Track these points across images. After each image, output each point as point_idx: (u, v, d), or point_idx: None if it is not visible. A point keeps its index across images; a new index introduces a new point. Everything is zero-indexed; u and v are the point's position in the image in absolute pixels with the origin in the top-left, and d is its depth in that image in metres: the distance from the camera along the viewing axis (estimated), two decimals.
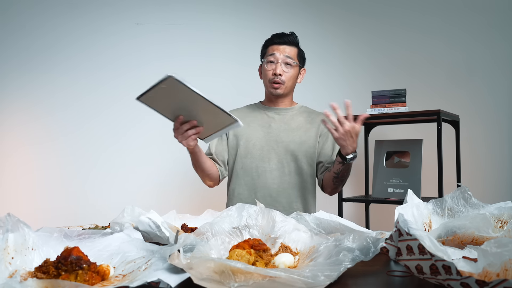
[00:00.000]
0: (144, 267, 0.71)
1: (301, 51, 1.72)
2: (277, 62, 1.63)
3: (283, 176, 1.65)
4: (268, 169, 1.66)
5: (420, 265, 0.62)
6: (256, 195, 1.65)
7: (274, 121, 1.71)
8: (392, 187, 2.10)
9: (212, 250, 0.80)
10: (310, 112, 1.77)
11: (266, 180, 1.65)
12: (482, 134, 2.41)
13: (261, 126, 1.71)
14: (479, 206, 0.98)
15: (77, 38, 2.61)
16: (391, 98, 2.11)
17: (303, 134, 1.69)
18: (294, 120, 1.72)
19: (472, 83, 2.44)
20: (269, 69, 1.66)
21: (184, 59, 2.64)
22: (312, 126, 1.71)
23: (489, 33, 2.42)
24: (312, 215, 1.02)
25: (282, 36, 1.67)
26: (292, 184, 1.66)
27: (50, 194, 2.53)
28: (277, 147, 1.67)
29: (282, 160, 1.66)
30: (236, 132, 1.71)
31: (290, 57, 1.64)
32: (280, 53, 1.64)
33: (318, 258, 0.77)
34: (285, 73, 1.65)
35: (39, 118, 2.58)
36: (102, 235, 0.85)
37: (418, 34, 2.55)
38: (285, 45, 1.66)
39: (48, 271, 0.68)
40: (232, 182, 1.72)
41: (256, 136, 1.69)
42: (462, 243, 0.87)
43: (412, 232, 0.63)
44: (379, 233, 0.91)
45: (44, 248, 0.77)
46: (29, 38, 2.59)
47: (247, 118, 1.73)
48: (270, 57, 1.65)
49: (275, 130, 1.69)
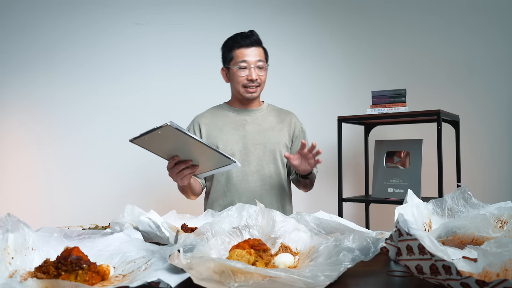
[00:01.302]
0: (144, 267, 0.71)
1: (265, 49, 1.70)
2: (250, 67, 1.61)
3: (263, 178, 1.65)
4: (249, 173, 1.64)
5: (420, 265, 0.62)
6: (240, 200, 1.62)
7: (247, 123, 1.70)
8: (392, 187, 2.10)
9: (212, 250, 0.80)
10: (278, 111, 1.77)
11: (248, 184, 1.64)
12: (482, 134, 2.41)
13: (235, 130, 1.68)
14: (479, 206, 0.98)
15: (77, 38, 2.61)
16: (391, 98, 2.10)
17: (277, 134, 1.69)
18: (266, 120, 1.71)
19: (472, 83, 2.44)
20: (242, 75, 1.63)
21: (184, 60, 2.65)
22: (283, 125, 1.72)
23: (489, 32, 2.42)
24: (312, 215, 1.02)
25: (247, 37, 1.63)
26: (272, 185, 1.66)
27: (50, 194, 2.53)
28: (254, 150, 1.65)
29: (262, 162, 1.65)
30: (211, 140, 1.68)
31: (262, 60, 1.63)
32: (252, 58, 1.61)
33: (318, 258, 0.77)
34: (260, 76, 1.64)
35: (40, 119, 2.58)
36: (102, 235, 0.85)
37: (418, 34, 2.55)
38: (253, 47, 1.62)
39: (48, 271, 0.68)
40: (214, 190, 1.69)
41: (232, 140, 1.66)
42: (462, 243, 0.87)
43: (412, 232, 0.63)
44: (379, 233, 0.91)
45: (44, 248, 0.77)
46: (29, 38, 2.60)
47: (217, 122, 1.71)
48: (242, 63, 1.61)
49: (250, 132, 1.67)
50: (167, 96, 2.62)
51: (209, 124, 1.72)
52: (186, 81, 2.63)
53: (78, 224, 1.41)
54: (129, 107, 2.59)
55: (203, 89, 2.62)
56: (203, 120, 1.74)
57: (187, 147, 1.17)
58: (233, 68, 1.64)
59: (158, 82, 2.63)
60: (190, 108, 2.61)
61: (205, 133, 1.71)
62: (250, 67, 1.61)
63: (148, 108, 2.60)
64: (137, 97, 2.61)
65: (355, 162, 2.57)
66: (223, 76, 1.73)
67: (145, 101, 2.61)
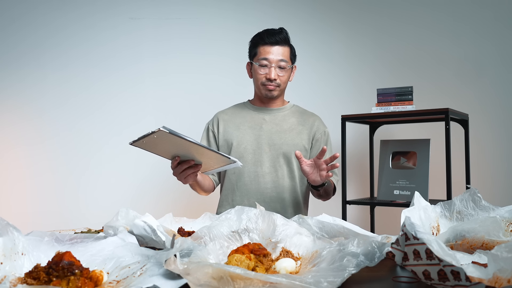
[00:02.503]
0: (139, 272, 0.71)
1: (293, 48, 1.70)
2: (271, 66, 1.62)
3: (276, 180, 1.65)
4: (261, 174, 1.65)
5: (428, 270, 0.62)
6: (249, 201, 1.64)
7: (265, 122, 1.70)
8: (398, 189, 2.10)
9: (210, 255, 0.80)
10: (302, 113, 1.76)
11: (259, 185, 1.65)
12: (492, 133, 2.41)
13: (251, 128, 1.70)
14: (489, 208, 0.98)
15: (69, 34, 2.61)
16: (397, 96, 2.10)
17: (295, 136, 1.69)
18: (286, 121, 1.71)
19: (482, 81, 2.44)
20: (262, 73, 1.64)
21: (181, 55, 2.65)
22: (304, 127, 1.71)
23: (499, 28, 2.42)
24: (314, 218, 1.03)
25: (273, 35, 1.63)
26: (285, 188, 1.66)
27: (41, 197, 2.53)
28: (269, 150, 1.66)
29: (275, 164, 1.66)
30: (227, 137, 1.71)
31: (284, 60, 1.63)
32: (274, 56, 1.61)
33: (321, 263, 0.77)
34: (280, 77, 1.64)
35: (30, 118, 2.58)
36: (95, 239, 0.85)
37: (426, 29, 2.55)
38: (277, 46, 1.62)
39: (38, 277, 0.68)
40: (225, 188, 1.72)
41: (247, 140, 1.68)
42: (471, 247, 0.87)
43: (420, 236, 0.63)
44: (385, 237, 0.91)
45: (35, 253, 0.77)
46: (18, 34, 2.59)
47: (236, 119, 1.73)
48: (263, 61, 1.62)
49: (266, 132, 1.68)
50: (163, 93, 2.62)
51: (227, 120, 1.74)
52: (182, 78, 2.63)
53: (70, 227, 1.41)
54: (124, 105, 2.59)
55: (200, 86, 2.62)
56: (223, 116, 1.77)
57: (185, 148, 1.21)
58: (255, 65, 1.66)
59: (154, 79, 2.63)
60: (187, 106, 2.63)
61: (222, 129, 1.74)
62: (270, 66, 1.62)
63: (143, 106, 2.60)
64: (131, 94, 2.61)
65: (360, 163, 2.57)
66: (247, 71, 1.75)
67: (140, 99, 2.61)
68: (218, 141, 1.73)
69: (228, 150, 1.70)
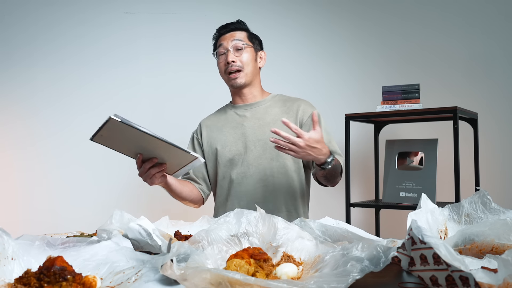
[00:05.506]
0: (134, 278, 0.71)
1: (253, 34, 1.70)
2: (228, 50, 1.62)
3: (265, 179, 1.61)
4: (248, 174, 1.62)
5: (435, 276, 0.62)
6: (241, 204, 1.61)
7: (246, 119, 1.67)
8: (405, 191, 2.10)
9: (208, 260, 0.80)
10: (285, 100, 1.71)
11: (247, 187, 1.62)
12: (502, 133, 2.40)
13: (233, 129, 1.68)
14: (499, 211, 0.98)
15: (61, 30, 2.61)
16: (403, 94, 2.10)
17: (280, 127, 1.63)
18: (268, 113, 1.67)
19: (491, 78, 2.44)
20: (221, 61, 1.65)
21: (178, 52, 2.65)
22: (289, 115, 1.65)
23: (508, 26, 2.42)
24: (317, 221, 1.02)
25: (228, 25, 1.67)
26: (277, 186, 1.61)
27: (32, 199, 2.53)
28: (254, 148, 1.63)
29: (261, 161, 1.62)
30: (211, 142, 1.70)
31: (239, 39, 1.62)
32: (228, 40, 1.63)
33: (324, 268, 0.77)
34: (238, 57, 1.62)
35: (21, 117, 2.58)
36: (88, 243, 0.85)
37: (433, 26, 2.55)
38: (231, 32, 1.65)
39: (29, 283, 0.68)
40: (218, 195, 1.71)
41: (230, 141, 1.66)
42: (481, 252, 0.87)
43: (427, 240, 0.63)
44: (390, 241, 0.91)
45: (25, 257, 0.77)
46: (8, 32, 2.59)
47: (219, 123, 1.72)
48: (219, 49, 1.64)
49: (249, 129, 1.65)
50: (159, 91, 2.62)
51: (210, 126, 1.73)
52: (179, 75, 2.63)
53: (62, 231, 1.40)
54: (118, 104, 2.59)
55: (197, 83, 2.62)
56: (206, 122, 1.76)
57: (144, 143, 1.19)
58: (216, 59, 1.67)
59: (150, 76, 2.63)
60: (183, 104, 2.63)
61: (206, 135, 1.73)
62: (227, 51, 1.62)
63: (139, 104, 2.60)
64: (126, 92, 2.61)
65: (364, 164, 2.57)
66: None
67: (135, 97, 2.61)
68: (203, 148, 1.73)
69: (214, 156, 1.68)
